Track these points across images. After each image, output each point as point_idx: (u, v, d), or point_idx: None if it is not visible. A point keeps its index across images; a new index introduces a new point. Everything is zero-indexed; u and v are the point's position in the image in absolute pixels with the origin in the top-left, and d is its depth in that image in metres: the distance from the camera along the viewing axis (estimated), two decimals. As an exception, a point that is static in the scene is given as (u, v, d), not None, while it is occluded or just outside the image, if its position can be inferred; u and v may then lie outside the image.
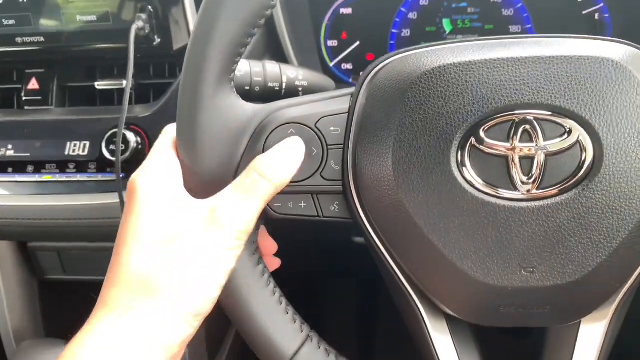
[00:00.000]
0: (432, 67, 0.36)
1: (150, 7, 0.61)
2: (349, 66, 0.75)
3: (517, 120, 0.35)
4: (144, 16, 0.60)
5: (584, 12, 0.69)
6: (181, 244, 0.34)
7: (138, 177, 0.37)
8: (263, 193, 0.36)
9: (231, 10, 0.36)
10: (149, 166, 0.38)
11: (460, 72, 0.35)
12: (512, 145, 0.35)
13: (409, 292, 0.40)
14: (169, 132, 0.40)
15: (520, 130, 0.35)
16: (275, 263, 0.44)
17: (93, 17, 0.62)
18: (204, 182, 0.38)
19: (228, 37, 0.36)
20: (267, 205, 0.40)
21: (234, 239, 0.35)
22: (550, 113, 0.35)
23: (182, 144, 0.38)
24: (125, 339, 0.32)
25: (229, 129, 0.39)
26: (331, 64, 0.75)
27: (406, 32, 0.73)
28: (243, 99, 0.40)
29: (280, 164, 0.37)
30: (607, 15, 0.69)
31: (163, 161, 0.38)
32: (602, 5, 0.69)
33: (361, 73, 0.41)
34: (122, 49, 0.59)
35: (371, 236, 0.39)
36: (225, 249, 0.35)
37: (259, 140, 0.39)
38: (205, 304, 0.35)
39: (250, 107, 0.40)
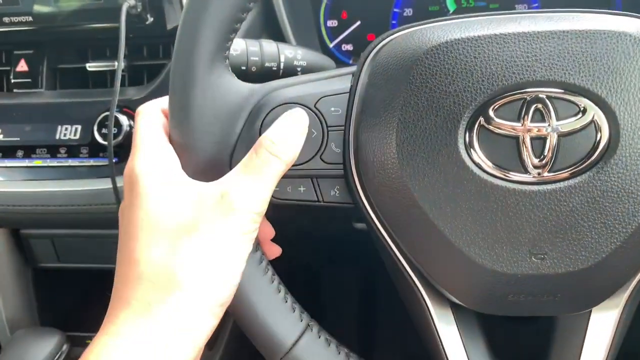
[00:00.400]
0: (438, 43, 0.34)
1: (141, -16, 0.58)
2: (349, 47, 0.73)
3: (528, 98, 0.33)
4: (135, -6, 0.57)
5: (593, -10, 0.67)
6: (199, 234, 0.33)
7: (136, 164, 0.35)
8: (275, 172, 0.35)
9: None
10: (143, 151, 0.35)
11: (469, 47, 0.33)
12: (523, 125, 0.33)
13: (413, 280, 0.38)
14: (147, 111, 0.38)
15: (532, 109, 0.33)
16: (275, 250, 0.42)
17: (83, -4, 0.59)
18: (198, 163, 0.36)
19: (222, 12, 0.34)
20: None
21: (251, 222, 0.34)
22: (563, 91, 0.33)
23: (175, 123, 0.37)
24: (155, 339, 0.31)
25: (224, 108, 0.37)
26: (331, 45, 0.73)
27: (408, 12, 0.71)
28: (239, 79, 0.38)
29: (288, 140, 0.36)
30: (617, -7, 0.67)
31: (156, 144, 0.36)
32: (612, -18, 0.66)
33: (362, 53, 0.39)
34: (113, 28, 0.57)
35: (373, 222, 0.38)
36: (242, 233, 0.34)
37: (256, 120, 0.38)
38: (229, 293, 0.34)
39: (246, 87, 0.38)
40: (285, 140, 0.35)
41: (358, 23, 0.72)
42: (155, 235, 0.33)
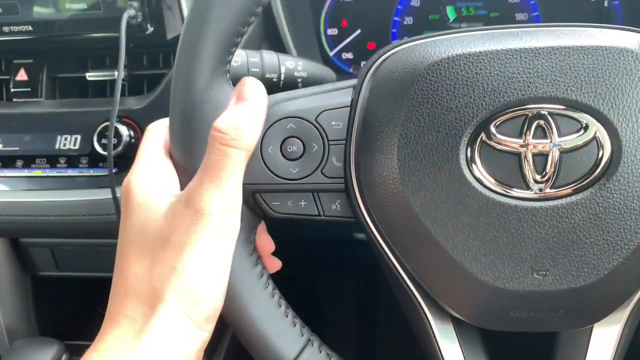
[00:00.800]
0: (440, 58, 0.34)
1: (142, -6, 0.58)
2: (349, 55, 0.73)
3: (530, 114, 0.33)
4: (135, 4, 0.57)
5: (592, 0, 0.67)
6: (172, 245, 0.33)
7: (130, 180, 0.35)
8: (234, 163, 0.33)
9: None
10: (141, 168, 0.36)
11: (470, 63, 0.33)
12: (525, 141, 0.33)
13: (414, 294, 0.38)
14: (155, 129, 0.38)
15: (534, 125, 0.33)
16: (275, 264, 0.42)
17: (83, 5, 0.59)
18: None
19: (223, 26, 0.34)
20: (265, 203, 0.39)
21: (223, 221, 0.33)
22: (565, 107, 0.33)
23: (174, 140, 0.36)
24: (143, 355, 0.31)
25: None
26: (331, 53, 0.73)
27: (409, 20, 0.71)
28: None
29: (240, 124, 0.33)
30: (616, 2, 0.67)
31: (154, 162, 0.36)
32: (611, -9, 0.66)
33: (363, 63, 0.39)
34: (113, 38, 0.57)
35: (375, 236, 0.38)
36: (216, 235, 0.33)
37: None
38: (215, 302, 0.33)
39: None
40: (235, 126, 0.33)
41: (358, 31, 0.72)
42: (141, 251, 0.33)
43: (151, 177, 0.35)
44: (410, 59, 0.36)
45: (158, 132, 0.38)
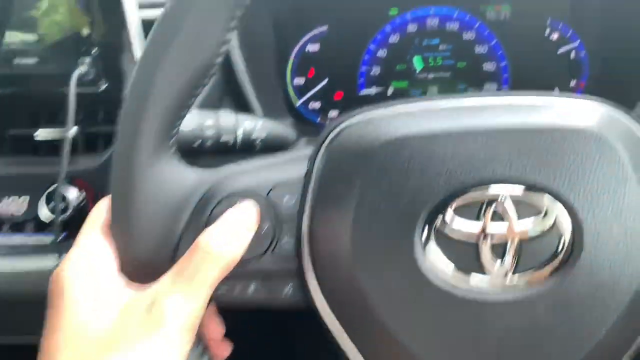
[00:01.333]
0: (393, 137, 0.32)
1: (94, 49, 0.56)
2: (316, 105, 0.71)
3: (487, 200, 0.31)
4: (87, 59, 0.55)
5: (559, 52, 0.66)
6: (119, 349, 0.29)
7: (62, 270, 0.32)
8: (210, 277, 0.31)
9: (169, 70, 0.32)
10: (76, 253, 0.33)
11: (424, 144, 0.32)
12: (482, 228, 0.31)
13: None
14: (100, 207, 0.35)
15: (491, 209, 0.31)
16: (224, 351, 0.39)
17: (33, 60, 0.57)
18: (139, 266, 0.33)
19: (166, 102, 0.32)
20: None
21: (180, 338, 0.31)
22: (524, 189, 0.31)
23: (115, 222, 0.34)
24: None
25: (168, 202, 0.34)
26: (297, 104, 0.71)
27: (376, 71, 0.70)
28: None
29: (229, 239, 0.33)
30: (583, 54, 0.66)
31: (92, 246, 0.33)
32: (578, 43, 0.66)
33: (331, 113, 0.37)
34: (66, 94, 0.54)
35: (327, 325, 0.35)
36: (170, 348, 0.30)
37: (202, 214, 0.35)
38: None
39: (193, 175, 0.36)
40: (224, 239, 0.32)
41: (325, 81, 0.71)
42: (77, 350, 0.30)
43: (87, 264, 0.32)
44: (364, 136, 0.34)
45: (101, 211, 0.35)
